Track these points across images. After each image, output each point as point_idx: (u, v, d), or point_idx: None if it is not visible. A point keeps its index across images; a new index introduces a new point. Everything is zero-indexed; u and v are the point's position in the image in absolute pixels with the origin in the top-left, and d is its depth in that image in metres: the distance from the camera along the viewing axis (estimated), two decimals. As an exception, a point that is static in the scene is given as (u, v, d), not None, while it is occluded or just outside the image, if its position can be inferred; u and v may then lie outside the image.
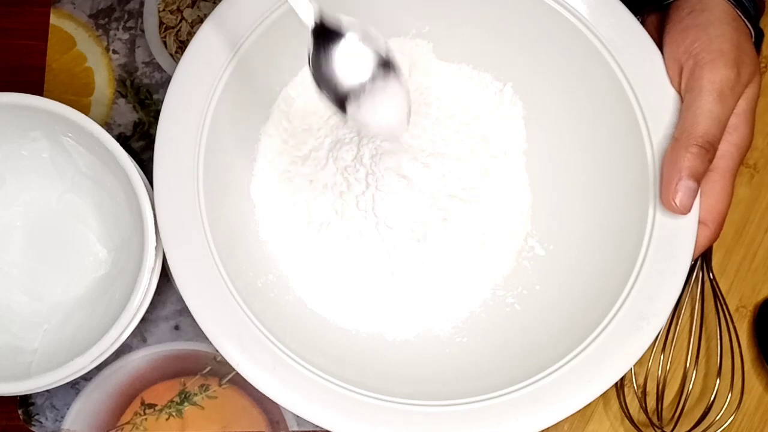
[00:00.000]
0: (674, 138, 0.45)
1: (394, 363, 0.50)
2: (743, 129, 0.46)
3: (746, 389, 0.53)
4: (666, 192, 0.45)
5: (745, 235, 0.55)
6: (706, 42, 0.45)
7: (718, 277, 0.55)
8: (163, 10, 0.57)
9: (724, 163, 0.46)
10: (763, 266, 0.55)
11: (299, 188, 0.52)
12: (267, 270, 0.51)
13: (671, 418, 0.52)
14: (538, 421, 0.46)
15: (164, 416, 0.54)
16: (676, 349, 0.54)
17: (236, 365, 0.47)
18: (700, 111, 0.44)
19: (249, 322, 0.47)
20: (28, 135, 0.52)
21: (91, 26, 0.58)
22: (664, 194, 0.45)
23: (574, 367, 0.46)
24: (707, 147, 0.44)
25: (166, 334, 0.55)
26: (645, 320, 0.46)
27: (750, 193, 0.56)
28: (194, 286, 0.47)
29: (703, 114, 0.44)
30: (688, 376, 0.53)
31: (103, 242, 0.54)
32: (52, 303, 0.53)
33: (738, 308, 0.55)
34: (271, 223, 0.52)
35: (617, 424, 0.54)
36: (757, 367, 0.54)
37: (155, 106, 0.56)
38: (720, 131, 0.45)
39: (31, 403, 0.54)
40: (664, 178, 0.45)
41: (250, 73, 0.50)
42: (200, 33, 0.49)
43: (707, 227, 0.46)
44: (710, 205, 0.46)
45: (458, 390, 0.47)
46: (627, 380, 0.53)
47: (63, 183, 0.54)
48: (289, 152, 0.52)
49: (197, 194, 0.48)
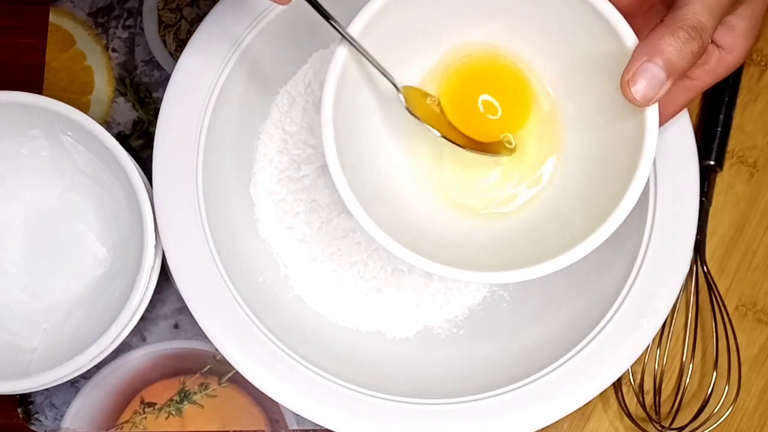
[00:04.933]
0: (658, 22, 0.38)
1: (394, 361, 0.50)
2: (740, 50, 0.41)
3: (746, 387, 0.53)
4: (625, 73, 0.37)
5: (745, 233, 0.55)
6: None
7: (718, 275, 0.55)
8: (163, 9, 0.57)
9: (708, 81, 0.41)
10: (763, 264, 0.55)
11: (299, 187, 0.52)
12: (266, 268, 0.51)
13: (669, 412, 0.52)
14: (537, 419, 0.46)
15: (164, 415, 0.54)
16: (673, 343, 0.54)
17: (236, 364, 0.47)
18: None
19: (248, 320, 0.47)
20: (27, 133, 0.52)
21: (91, 24, 0.57)
22: (623, 75, 0.37)
23: (574, 365, 0.46)
24: (692, 33, 0.36)
25: (165, 332, 0.55)
26: (644, 318, 0.46)
27: (750, 191, 0.56)
28: (194, 284, 0.47)
29: (695, 0, 0.37)
30: (685, 370, 0.53)
31: (103, 241, 0.54)
32: (51, 302, 0.53)
33: (738, 306, 0.55)
34: (270, 221, 0.52)
35: (617, 422, 0.54)
36: (757, 364, 0.54)
37: (155, 105, 0.56)
38: (711, 21, 0.37)
39: (30, 402, 0.54)
40: (631, 58, 0.37)
41: (250, 71, 0.50)
42: (199, 31, 0.49)
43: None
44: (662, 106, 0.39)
45: (457, 388, 0.47)
46: (624, 376, 0.53)
47: (62, 181, 0.54)
48: (289, 151, 0.52)
49: (196, 193, 0.48)
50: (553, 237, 0.42)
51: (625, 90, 0.37)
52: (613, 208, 0.39)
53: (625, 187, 0.39)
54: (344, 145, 0.41)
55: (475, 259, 0.43)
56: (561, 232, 0.42)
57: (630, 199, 0.39)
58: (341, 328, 0.51)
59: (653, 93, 0.37)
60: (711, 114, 0.54)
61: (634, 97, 0.37)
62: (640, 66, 0.37)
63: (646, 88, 0.37)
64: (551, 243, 0.41)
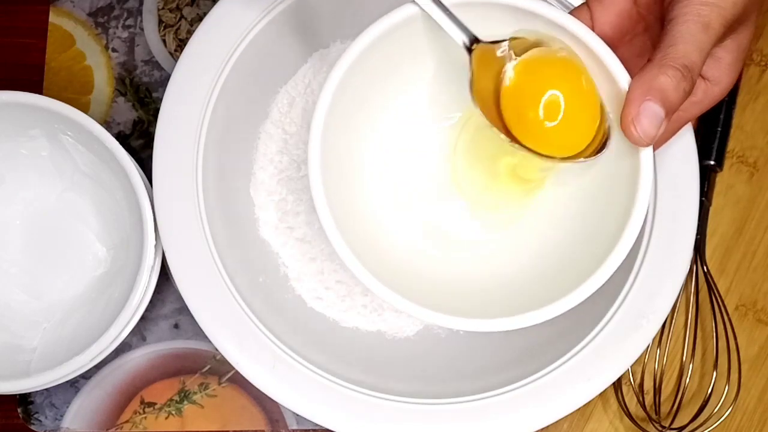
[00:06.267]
0: (648, 60, 0.38)
1: (394, 361, 0.50)
2: (726, 82, 0.41)
3: (746, 387, 0.53)
4: (627, 113, 0.37)
5: (745, 233, 0.55)
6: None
7: (718, 275, 0.55)
8: (163, 8, 0.57)
9: (695, 112, 0.41)
10: (763, 264, 0.55)
11: (299, 187, 0.52)
12: (266, 268, 0.51)
13: (669, 412, 0.52)
14: (537, 419, 0.46)
15: (164, 415, 0.54)
16: (673, 343, 0.54)
17: (236, 364, 0.47)
18: (681, 35, 0.38)
19: (248, 320, 0.47)
20: (27, 133, 0.52)
21: (91, 24, 0.57)
22: (624, 115, 0.37)
23: (574, 365, 0.46)
24: (684, 72, 0.37)
25: (165, 332, 0.55)
26: (644, 318, 0.46)
27: (750, 191, 0.56)
28: (194, 284, 0.47)
29: (684, 38, 0.37)
30: (685, 370, 0.53)
31: (103, 241, 0.54)
32: (51, 301, 0.53)
33: (738, 306, 0.55)
34: (270, 221, 0.52)
35: (617, 422, 0.54)
36: (757, 364, 0.54)
37: (154, 105, 0.56)
38: (701, 60, 0.38)
39: (30, 402, 0.54)
40: (628, 98, 0.38)
41: (250, 71, 0.50)
42: (199, 31, 0.49)
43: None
44: None
45: (457, 388, 0.47)
46: (624, 376, 0.53)
47: (62, 181, 0.54)
48: (289, 151, 0.52)
49: (196, 192, 0.48)
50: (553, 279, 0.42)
51: (628, 129, 0.37)
52: (610, 250, 0.39)
53: (621, 226, 0.39)
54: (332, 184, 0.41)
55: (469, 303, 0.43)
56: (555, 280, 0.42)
57: (629, 238, 0.39)
58: (341, 328, 0.51)
59: (654, 131, 0.37)
60: (711, 114, 0.54)
61: (639, 136, 0.37)
62: (642, 105, 0.37)
63: (648, 126, 0.37)
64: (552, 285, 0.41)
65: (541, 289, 0.41)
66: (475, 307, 0.42)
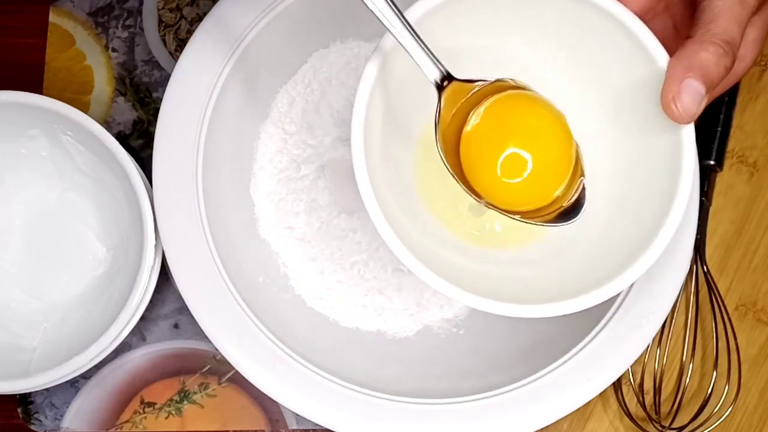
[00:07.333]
0: (688, 37, 0.38)
1: (393, 361, 0.50)
2: (750, 58, 0.41)
3: (746, 387, 0.53)
4: (667, 90, 0.37)
5: (745, 233, 0.55)
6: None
7: (718, 275, 0.55)
8: (163, 8, 0.57)
9: (720, 90, 0.40)
10: (763, 264, 0.55)
11: (299, 187, 0.52)
12: (266, 268, 0.52)
13: (669, 412, 0.52)
14: (537, 419, 0.46)
15: (163, 415, 0.54)
16: (673, 343, 0.54)
17: (236, 364, 0.47)
18: (719, 10, 0.37)
19: (248, 320, 0.47)
20: (27, 133, 0.52)
21: (90, 24, 0.57)
22: (665, 93, 0.37)
23: (574, 365, 0.46)
24: (725, 48, 0.37)
25: (165, 332, 0.55)
26: (644, 318, 0.46)
27: (750, 191, 0.56)
28: (193, 284, 0.47)
29: (723, 13, 0.37)
30: (685, 370, 0.53)
31: (103, 240, 0.54)
32: (51, 301, 0.53)
33: (738, 306, 0.55)
34: (270, 221, 0.52)
35: (617, 422, 0.54)
36: (757, 364, 0.54)
37: (154, 105, 0.56)
38: (740, 35, 0.37)
39: (30, 402, 0.54)
40: (668, 75, 0.37)
41: (250, 71, 0.50)
42: (199, 31, 0.49)
43: None
44: None
45: (457, 388, 0.47)
46: (624, 376, 0.53)
47: (62, 181, 0.54)
48: (289, 151, 0.52)
49: (196, 192, 0.48)
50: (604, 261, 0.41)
51: (669, 107, 0.37)
52: (658, 227, 0.38)
53: (666, 203, 0.38)
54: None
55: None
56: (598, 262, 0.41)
57: (675, 216, 0.38)
58: (341, 328, 0.51)
59: (695, 108, 0.37)
60: (711, 114, 0.54)
61: (680, 113, 0.37)
62: (683, 82, 0.36)
63: (689, 104, 0.37)
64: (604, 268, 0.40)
65: (597, 268, 0.40)
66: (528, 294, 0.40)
